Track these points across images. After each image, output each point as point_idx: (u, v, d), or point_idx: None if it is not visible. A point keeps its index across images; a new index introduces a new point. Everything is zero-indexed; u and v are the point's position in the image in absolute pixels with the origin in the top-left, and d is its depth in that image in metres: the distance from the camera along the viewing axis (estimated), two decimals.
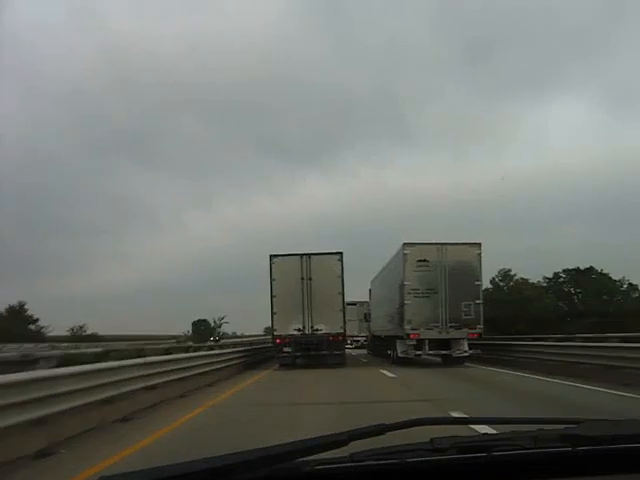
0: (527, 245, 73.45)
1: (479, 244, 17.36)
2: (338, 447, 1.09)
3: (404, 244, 17.23)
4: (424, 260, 16.98)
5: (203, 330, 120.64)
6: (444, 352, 17.19)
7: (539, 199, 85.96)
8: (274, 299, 17.68)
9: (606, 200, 72.77)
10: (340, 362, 17.61)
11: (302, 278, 17.54)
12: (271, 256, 17.83)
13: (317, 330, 17.52)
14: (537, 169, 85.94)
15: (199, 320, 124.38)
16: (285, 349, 17.59)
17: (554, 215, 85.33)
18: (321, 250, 18.28)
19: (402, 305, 16.93)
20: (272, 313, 17.76)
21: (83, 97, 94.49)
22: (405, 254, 17.01)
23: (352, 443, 1.09)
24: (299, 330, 17.51)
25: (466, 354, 17.21)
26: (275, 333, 17.91)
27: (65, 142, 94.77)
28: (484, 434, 1.14)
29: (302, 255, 17.78)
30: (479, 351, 17.90)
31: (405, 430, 1.16)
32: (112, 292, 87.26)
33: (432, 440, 1.10)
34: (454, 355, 17.00)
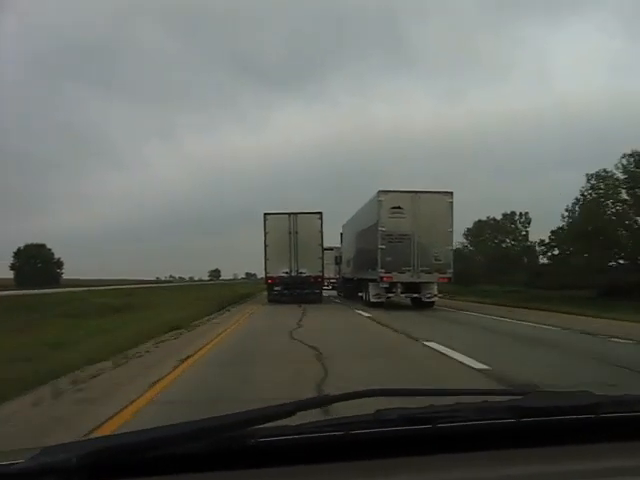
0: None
1: (451, 193, 18.04)
2: (284, 418, 1.08)
3: (379, 191, 17.92)
4: (398, 207, 17.63)
5: (33, 264, 68.37)
6: (415, 295, 18.06)
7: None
8: (267, 248, 21.64)
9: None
10: (318, 299, 21.44)
11: (289, 232, 21.71)
12: (265, 214, 22.14)
13: (301, 273, 21.31)
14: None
15: (30, 245, 71.85)
16: (275, 288, 21.95)
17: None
18: (303, 207, 23.79)
19: (376, 249, 17.65)
20: (265, 259, 21.67)
21: None
22: (380, 201, 17.67)
23: (298, 414, 1.08)
24: (287, 273, 21.37)
25: (435, 298, 18.13)
26: (268, 275, 21.73)
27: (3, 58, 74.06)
28: (430, 405, 1.14)
29: (290, 214, 22.15)
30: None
31: (352, 401, 1.16)
32: None
33: (378, 411, 1.11)
34: (424, 299, 17.89)
